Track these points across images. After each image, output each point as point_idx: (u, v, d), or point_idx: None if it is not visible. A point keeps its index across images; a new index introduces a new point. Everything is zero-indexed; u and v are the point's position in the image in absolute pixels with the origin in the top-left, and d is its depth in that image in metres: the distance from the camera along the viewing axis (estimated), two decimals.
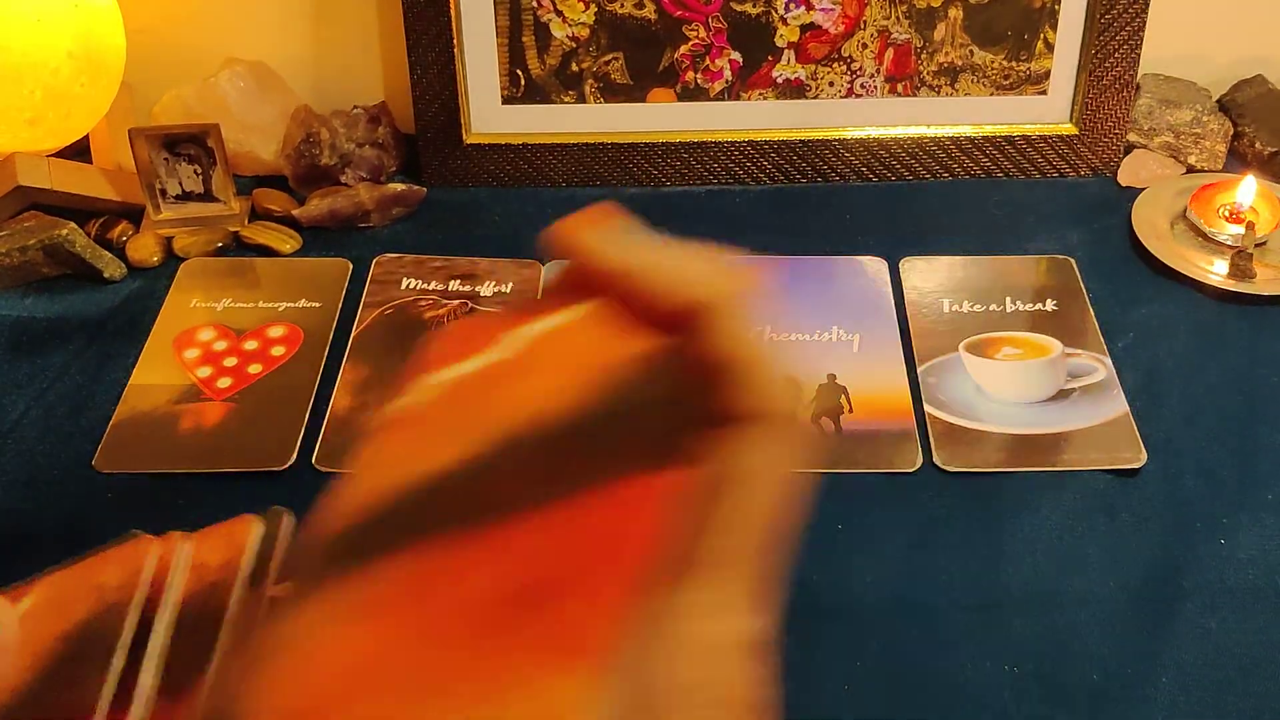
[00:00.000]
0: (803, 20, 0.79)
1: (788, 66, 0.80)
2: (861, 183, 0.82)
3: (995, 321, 0.71)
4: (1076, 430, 0.64)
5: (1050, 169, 0.83)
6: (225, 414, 0.66)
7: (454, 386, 0.25)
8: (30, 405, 0.66)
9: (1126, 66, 0.80)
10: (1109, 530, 0.59)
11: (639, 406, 0.24)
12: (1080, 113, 0.81)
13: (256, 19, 0.85)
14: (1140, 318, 0.71)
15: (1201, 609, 0.56)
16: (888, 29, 0.79)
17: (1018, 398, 0.66)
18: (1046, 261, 0.75)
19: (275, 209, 0.79)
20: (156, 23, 0.84)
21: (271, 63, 0.85)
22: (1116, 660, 0.54)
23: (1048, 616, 0.56)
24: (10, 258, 0.72)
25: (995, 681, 0.53)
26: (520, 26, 0.79)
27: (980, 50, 0.80)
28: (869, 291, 0.73)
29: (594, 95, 0.81)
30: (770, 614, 0.23)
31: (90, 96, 0.77)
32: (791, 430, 0.25)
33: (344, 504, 0.23)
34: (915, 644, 0.55)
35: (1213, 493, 0.61)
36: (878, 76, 0.81)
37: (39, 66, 0.72)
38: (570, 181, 0.82)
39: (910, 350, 0.69)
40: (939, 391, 0.66)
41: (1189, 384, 0.67)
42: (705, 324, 0.25)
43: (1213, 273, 0.73)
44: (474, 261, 0.75)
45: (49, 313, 0.73)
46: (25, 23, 0.72)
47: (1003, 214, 0.79)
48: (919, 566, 0.58)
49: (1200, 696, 0.52)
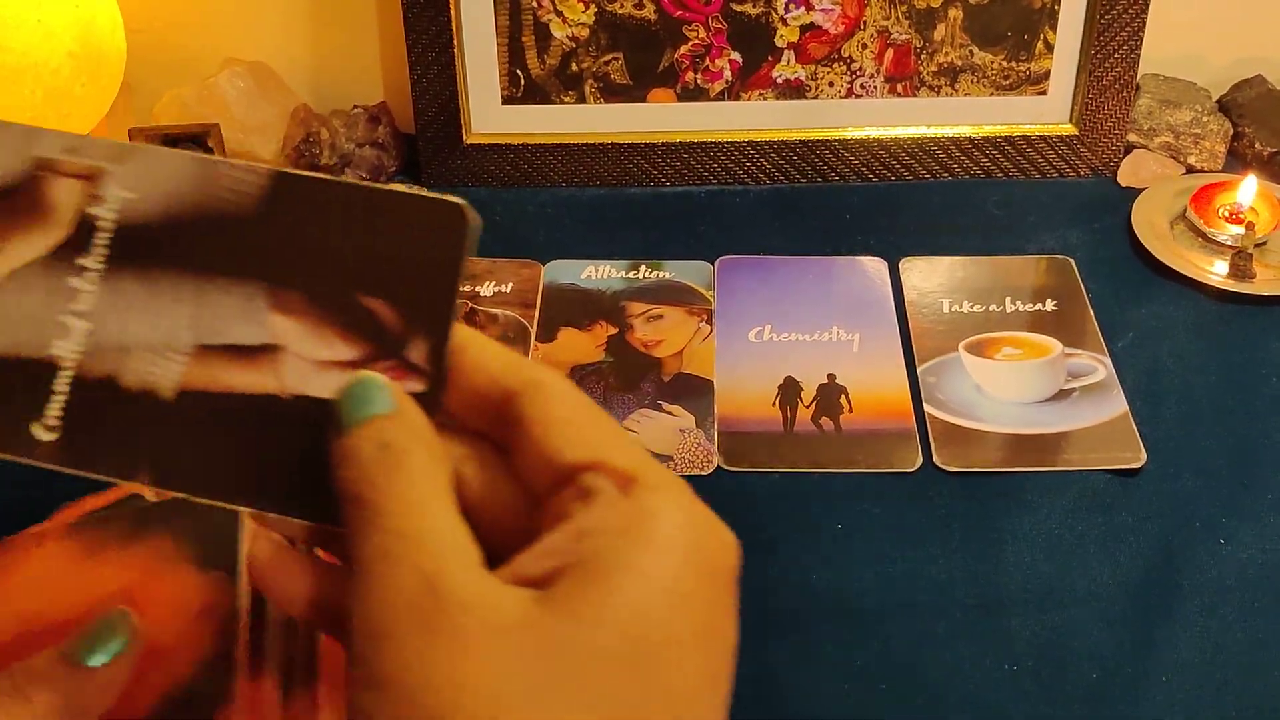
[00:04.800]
0: (803, 21, 0.79)
1: (788, 67, 0.80)
2: (861, 183, 0.82)
3: (995, 321, 0.71)
4: (1076, 430, 0.64)
5: (1050, 169, 0.83)
6: None
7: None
8: None
9: (1126, 67, 0.80)
10: (1108, 530, 0.59)
11: None
12: (1080, 113, 0.81)
13: (256, 19, 0.85)
14: (1140, 318, 0.71)
15: (1201, 609, 0.56)
16: (888, 29, 0.79)
17: (1017, 397, 0.66)
18: (1046, 261, 0.75)
19: None
20: (156, 23, 0.84)
21: (271, 63, 0.85)
22: (1115, 660, 0.54)
23: (1047, 616, 0.56)
24: None
25: (994, 680, 0.53)
26: (520, 26, 0.79)
27: (980, 50, 0.80)
28: (869, 291, 0.73)
29: (594, 95, 0.81)
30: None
31: (90, 97, 0.77)
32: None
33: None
34: (914, 643, 0.55)
35: (1212, 492, 0.61)
36: (878, 77, 0.81)
37: (39, 67, 0.73)
38: (570, 181, 0.82)
39: (910, 350, 0.69)
40: (939, 391, 0.66)
41: (1189, 384, 0.67)
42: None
43: (1213, 273, 0.73)
44: (474, 261, 0.75)
45: None
46: (25, 23, 0.72)
47: (1003, 214, 0.80)
48: (919, 566, 0.58)
49: (1199, 696, 0.52)
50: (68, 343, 0.32)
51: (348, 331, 0.31)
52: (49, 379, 0.32)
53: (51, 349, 0.32)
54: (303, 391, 0.31)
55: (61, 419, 0.32)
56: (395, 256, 0.31)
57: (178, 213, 0.32)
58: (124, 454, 0.32)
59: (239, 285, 0.32)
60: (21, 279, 0.32)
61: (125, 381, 0.32)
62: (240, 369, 0.31)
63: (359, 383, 0.30)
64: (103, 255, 0.32)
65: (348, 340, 0.31)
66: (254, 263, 0.32)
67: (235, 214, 0.32)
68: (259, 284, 0.32)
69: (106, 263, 0.32)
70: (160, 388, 0.32)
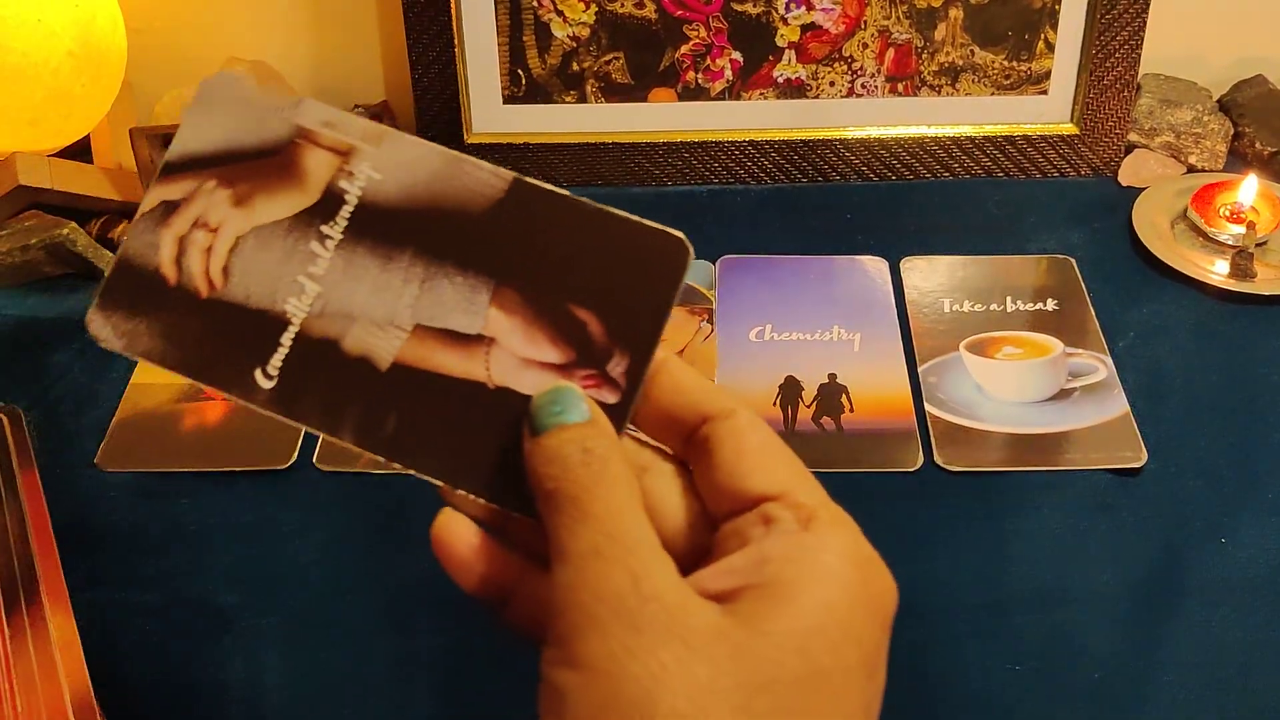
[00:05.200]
0: (803, 20, 0.79)
1: (788, 66, 0.80)
2: (862, 182, 0.83)
3: (996, 321, 0.71)
4: (1077, 430, 0.64)
5: (1051, 169, 0.83)
6: (227, 413, 0.66)
7: None
8: (33, 404, 0.66)
9: (1127, 66, 0.80)
10: (1110, 529, 0.59)
11: None
12: (1081, 112, 0.81)
13: (257, 19, 0.85)
14: (1141, 317, 0.71)
15: (1202, 607, 0.56)
16: (888, 29, 0.79)
17: (1018, 397, 0.66)
18: (1047, 261, 0.75)
19: None
20: (157, 23, 0.84)
21: (273, 62, 0.85)
22: (1117, 659, 0.54)
23: (1049, 615, 0.56)
24: (12, 257, 0.72)
25: (997, 680, 0.53)
26: (521, 26, 0.79)
27: (981, 50, 0.80)
28: (869, 291, 0.73)
29: (595, 95, 0.81)
30: None
31: (91, 96, 0.77)
32: None
33: None
34: (917, 643, 0.55)
35: (1213, 492, 0.61)
36: (878, 76, 0.81)
37: (40, 66, 0.72)
38: (571, 181, 0.82)
39: (911, 350, 0.69)
40: (940, 391, 0.66)
41: (1190, 383, 0.67)
42: None
43: (1213, 272, 0.73)
44: None
45: (51, 312, 0.73)
46: (26, 23, 0.72)
47: (1003, 214, 0.80)
48: (920, 566, 0.58)
49: (1201, 694, 0.52)
50: (299, 301, 0.35)
51: (557, 336, 0.34)
52: (277, 331, 0.34)
53: (284, 304, 0.35)
54: (506, 385, 0.34)
55: (281, 369, 0.34)
56: (613, 275, 0.34)
57: (418, 199, 0.35)
58: (332, 411, 0.34)
59: (465, 276, 0.34)
60: (267, 235, 0.35)
61: (345, 345, 0.34)
62: (453, 354, 0.34)
63: (558, 389, 0.32)
64: (343, 227, 0.35)
65: (555, 344, 0.34)
66: (482, 258, 0.34)
67: (471, 210, 0.34)
68: (484, 278, 0.34)
69: (345, 234, 0.35)
70: (377, 357, 0.34)
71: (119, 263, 0.35)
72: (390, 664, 0.54)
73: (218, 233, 0.35)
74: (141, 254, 0.35)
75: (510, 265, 0.34)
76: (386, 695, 0.53)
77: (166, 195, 0.35)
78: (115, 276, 0.35)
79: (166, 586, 0.57)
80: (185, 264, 0.35)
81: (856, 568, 0.30)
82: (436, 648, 0.54)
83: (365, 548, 0.59)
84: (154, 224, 0.35)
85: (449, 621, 0.55)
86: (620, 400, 0.33)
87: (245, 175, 0.35)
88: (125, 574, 0.57)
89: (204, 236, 0.35)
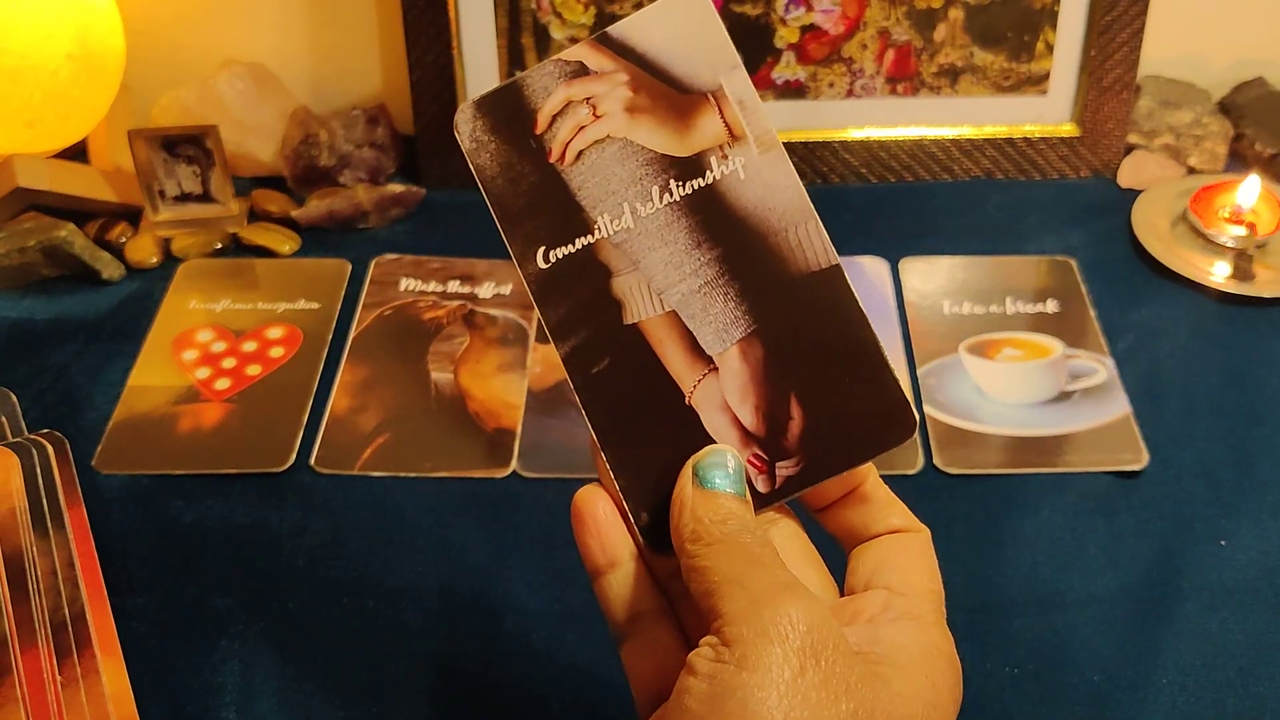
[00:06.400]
0: (803, 21, 0.79)
1: (788, 68, 0.80)
2: (861, 183, 0.82)
3: (996, 322, 0.71)
4: (1077, 432, 0.64)
5: (1051, 170, 0.82)
6: (224, 415, 0.65)
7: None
8: (29, 406, 0.65)
9: (1127, 68, 0.79)
10: (1110, 531, 0.59)
11: None
12: (1081, 114, 0.81)
13: (255, 20, 0.85)
14: (1141, 319, 0.71)
15: (1202, 610, 0.55)
16: (888, 30, 0.79)
17: (1018, 399, 0.66)
18: (1047, 263, 0.75)
19: (274, 210, 0.79)
20: (156, 24, 0.84)
21: (270, 64, 0.85)
22: (1117, 661, 0.53)
23: (1048, 618, 0.55)
24: (9, 259, 0.72)
25: (995, 683, 0.53)
26: (519, 28, 0.79)
27: (981, 51, 0.80)
28: (869, 292, 0.73)
29: None
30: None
31: (89, 98, 0.77)
32: None
33: None
34: None
35: (1213, 494, 0.61)
36: (878, 77, 0.81)
37: (38, 68, 0.72)
38: None
39: (910, 351, 0.69)
40: (939, 393, 0.66)
41: (1190, 385, 0.67)
42: None
43: (1213, 274, 0.73)
44: (472, 263, 0.75)
45: (48, 314, 0.73)
46: (24, 24, 0.71)
47: (1003, 215, 0.79)
48: None
49: (1200, 697, 0.52)
50: (611, 221, 0.37)
51: (764, 409, 0.37)
52: (579, 232, 0.37)
53: (599, 216, 0.37)
54: (699, 410, 0.37)
55: (557, 263, 0.37)
56: (843, 401, 0.37)
57: (755, 217, 0.37)
58: (567, 325, 0.37)
59: (739, 306, 0.37)
60: (630, 153, 0.37)
61: (613, 282, 0.37)
62: (681, 356, 0.37)
63: (735, 460, 0.36)
64: (687, 194, 0.37)
65: (757, 415, 0.37)
66: (763, 304, 0.37)
67: (785, 259, 0.37)
68: (750, 320, 0.37)
69: (682, 200, 0.37)
70: (628, 309, 0.37)
71: (516, 81, 0.37)
72: (387, 666, 0.54)
73: (599, 121, 0.37)
74: (536, 90, 0.37)
75: (776, 327, 0.37)
76: (383, 698, 0.53)
77: (590, 59, 0.37)
78: (505, 91, 0.37)
79: (162, 589, 0.57)
80: (557, 125, 0.37)
81: (952, 664, 0.35)
82: (432, 651, 0.54)
83: (362, 551, 0.59)
84: (561, 75, 0.37)
85: (445, 624, 0.55)
86: (767, 495, 0.37)
87: (652, 92, 0.37)
88: (121, 577, 0.57)
89: (586, 115, 0.37)
